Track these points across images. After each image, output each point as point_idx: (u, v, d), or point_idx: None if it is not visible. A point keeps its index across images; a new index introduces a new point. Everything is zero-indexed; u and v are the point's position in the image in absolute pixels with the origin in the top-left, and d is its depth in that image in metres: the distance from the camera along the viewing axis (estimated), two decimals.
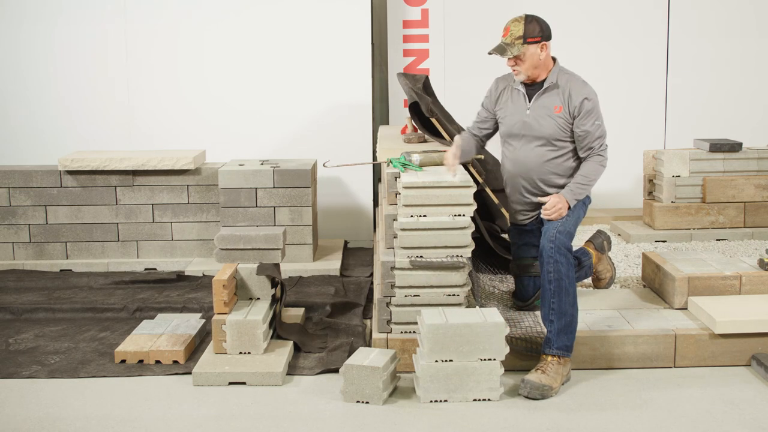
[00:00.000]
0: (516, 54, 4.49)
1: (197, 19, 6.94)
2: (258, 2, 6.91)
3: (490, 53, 4.57)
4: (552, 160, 4.65)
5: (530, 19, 4.51)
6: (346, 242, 6.91)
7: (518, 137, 4.73)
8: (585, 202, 4.66)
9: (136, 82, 7.00)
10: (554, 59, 4.66)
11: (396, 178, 4.75)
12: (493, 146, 5.81)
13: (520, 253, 4.92)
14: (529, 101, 4.66)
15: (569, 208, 4.49)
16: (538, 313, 4.76)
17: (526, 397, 4.03)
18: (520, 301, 4.87)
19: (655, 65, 7.48)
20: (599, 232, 5.33)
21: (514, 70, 4.61)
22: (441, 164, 4.83)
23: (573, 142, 4.63)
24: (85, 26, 6.93)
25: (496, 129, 4.91)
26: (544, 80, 4.62)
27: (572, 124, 4.58)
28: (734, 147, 6.58)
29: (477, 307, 4.44)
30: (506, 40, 4.52)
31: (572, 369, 4.34)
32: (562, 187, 4.63)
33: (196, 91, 7.01)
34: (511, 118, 4.74)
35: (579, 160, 4.66)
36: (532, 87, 4.66)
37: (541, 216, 4.54)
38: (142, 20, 6.93)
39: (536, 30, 4.49)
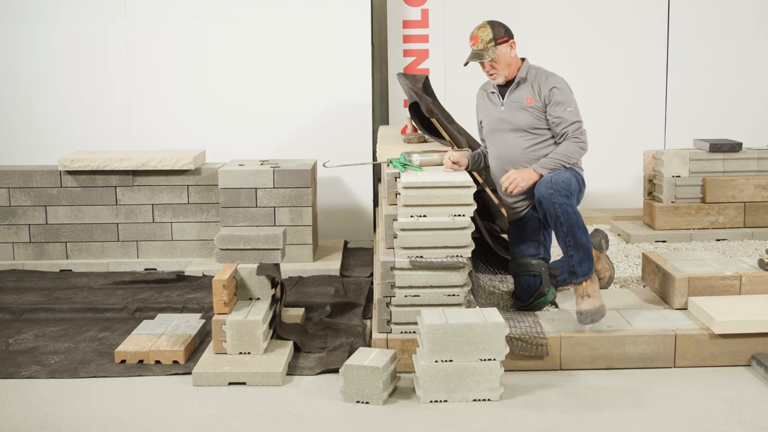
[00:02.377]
0: (492, 57, 4.69)
1: (197, 19, 6.95)
2: (258, 2, 6.91)
3: (467, 63, 4.82)
4: (532, 147, 4.80)
5: (493, 24, 4.75)
6: (346, 242, 6.92)
7: (496, 132, 4.91)
8: (578, 178, 4.74)
9: (136, 82, 7.00)
10: (522, 59, 4.86)
11: (396, 178, 4.75)
12: None
13: (519, 251, 4.93)
14: (503, 98, 4.85)
15: (539, 177, 4.65)
16: (538, 313, 4.76)
17: (591, 323, 4.43)
18: (519, 301, 4.87)
19: (655, 65, 7.48)
20: (597, 230, 5.33)
21: (491, 75, 4.83)
22: (441, 164, 4.85)
23: (550, 129, 4.79)
24: (85, 26, 6.94)
25: None
26: (515, 77, 4.82)
27: (545, 113, 4.75)
28: (734, 147, 6.58)
29: (477, 307, 4.44)
30: (478, 46, 4.75)
31: (572, 369, 4.36)
32: None
33: (196, 91, 7.01)
34: (488, 118, 4.96)
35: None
36: (505, 86, 4.86)
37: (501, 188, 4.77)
38: (142, 20, 6.93)
39: (502, 31, 4.73)
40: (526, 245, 4.91)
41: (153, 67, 6.99)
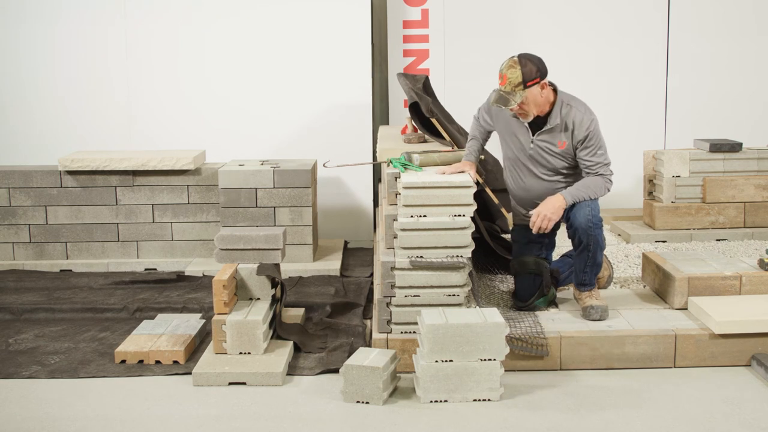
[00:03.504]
0: (519, 101, 4.47)
1: (197, 19, 6.95)
2: (258, 2, 6.91)
3: (493, 104, 4.54)
4: (561, 186, 4.75)
5: (524, 62, 4.46)
6: (346, 242, 6.92)
7: (524, 167, 4.80)
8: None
9: (136, 82, 7.00)
10: (554, 89, 4.64)
11: (396, 178, 4.75)
12: (492, 146, 5.82)
13: (523, 251, 4.94)
14: (532, 134, 4.69)
15: (565, 207, 4.61)
16: (538, 313, 4.77)
17: (599, 320, 4.59)
18: (519, 301, 4.86)
19: (655, 65, 7.48)
20: None
21: (520, 115, 4.60)
22: (441, 165, 4.84)
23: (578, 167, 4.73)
24: (85, 26, 6.94)
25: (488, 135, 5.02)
26: (548, 115, 4.62)
27: (575, 153, 4.66)
28: (734, 147, 6.58)
29: (477, 307, 4.44)
30: (506, 88, 4.47)
31: (572, 369, 4.37)
32: None
33: (196, 91, 7.01)
34: (513, 144, 4.80)
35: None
36: (534, 120, 4.66)
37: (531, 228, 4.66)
38: (142, 20, 6.93)
39: (533, 71, 4.45)
40: (529, 246, 4.91)
41: (153, 67, 6.99)
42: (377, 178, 7.25)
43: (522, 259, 4.90)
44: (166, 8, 6.92)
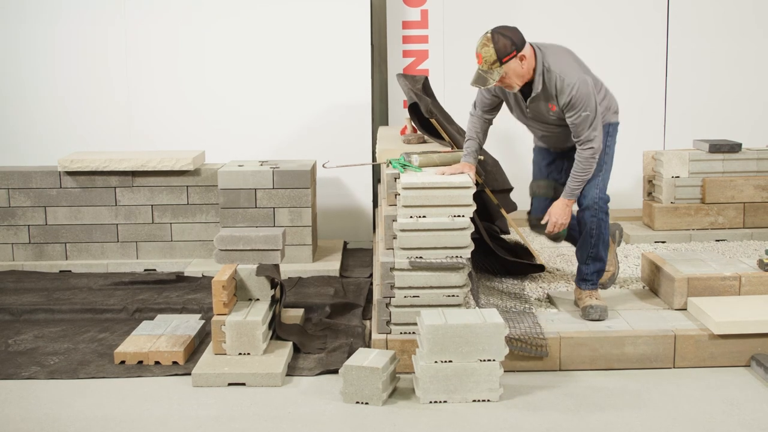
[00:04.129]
0: (498, 78, 4.41)
1: (196, 20, 6.95)
2: (257, 3, 6.91)
3: (472, 85, 4.48)
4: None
5: (497, 37, 4.36)
6: (345, 243, 6.92)
7: (532, 126, 4.90)
8: (608, 135, 4.77)
9: (135, 82, 7.00)
10: (535, 51, 4.53)
11: (395, 178, 4.75)
12: (492, 147, 5.82)
13: (542, 173, 5.05)
14: (525, 101, 4.67)
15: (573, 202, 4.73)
16: (537, 313, 4.77)
17: (598, 320, 4.62)
18: (533, 216, 5.00)
19: (654, 65, 7.48)
20: (615, 224, 5.38)
21: (505, 87, 4.55)
22: (440, 165, 4.84)
23: None
24: (84, 27, 6.94)
25: (500, 104, 4.89)
26: (533, 81, 4.56)
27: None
28: (733, 147, 6.58)
29: (476, 307, 4.44)
30: (483, 67, 4.40)
31: (571, 370, 4.38)
32: (603, 126, 4.71)
33: (196, 92, 7.01)
34: (515, 109, 4.82)
35: (600, 104, 4.62)
36: (523, 88, 4.61)
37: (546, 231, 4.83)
38: (142, 21, 6.93)
39: (508, 45, 4.35)
40: (548, 168, 5.05)
41: (152, 67, 6.99)
42: (377, 179, 7.25)
43: (539, 182, 5.01)
44: (166, 8, 6.92)
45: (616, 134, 4.88)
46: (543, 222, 4.79)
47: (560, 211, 4.71)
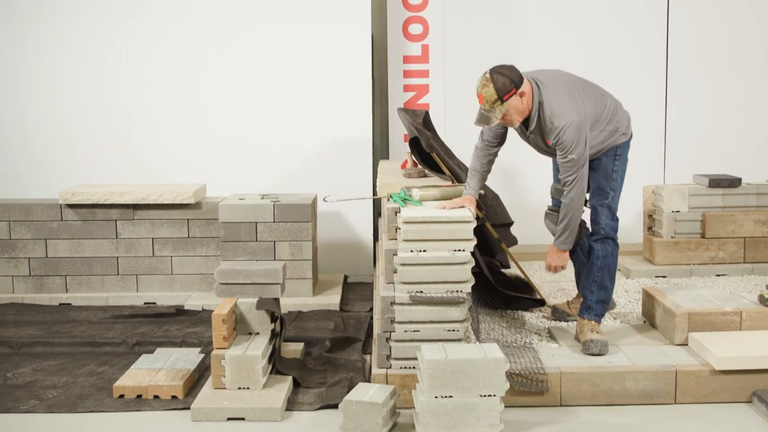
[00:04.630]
0: (500, 116, 4.50)
1: (198, 53, 6.99)
2: (259, 37, 6.96)
3: (476, 125, 4.57)
4: None
5: (496, 77, 4.45)
6: (345, 277, 6.91)
7: (537, 150, 4.91)
8: (616, 159, 4.84)
9: (136, 116, 7.03)
10: (533, 86, 4.58)
11: (396, 212, 4.76)
12: (493, 181, 5.83)
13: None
14: (526, 130, 4.72)
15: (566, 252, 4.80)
16: (537, 348, 4.75)
17: (598, 354, 4.58)
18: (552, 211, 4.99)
19: (654, 100, 7.51)
20: None
21: (506, 124, 4.66)
22: (441, 199, 4.85)
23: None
24: (86, 60, 6.98)
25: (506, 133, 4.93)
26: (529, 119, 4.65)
27: None
28: (733, 182, 6.59)
29: (477, 342, 4.42)
30: (485, 107, 4.48)
31: (572, 405, 4.35)
32: (610, 150, 4.83)
33: (197, 126, 7.04)
34: (520, 135, 4.87)
35: (606, 129, 4.75)
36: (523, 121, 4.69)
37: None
38: (143, 55, 6.98)
39: (507, 83, 4.44)
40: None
41: (154, 100, 7.02)
42: (377, 213, 7.26)
43: (557, 184, 4.98)
44: (167, 43, 6.96)
45: (627, 151, 4.92)
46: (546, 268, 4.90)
47: (555, 257, 4.80)
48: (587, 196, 4.83)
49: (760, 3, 7.48)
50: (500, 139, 4.89)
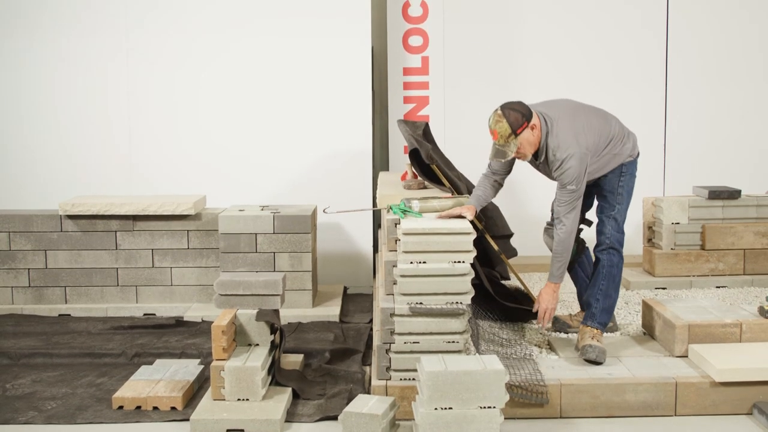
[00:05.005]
0: (515, 150, 4.65)
1: (198, 65, 7.01)
2: (259, 49, 6.97)
3: (492, 160, 4.74)
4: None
5: (507, 112, 4.60)
6: (345, 288, 6.90)
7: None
8: (621, 175, 4.94)
9: (136, 127, 7.05)
10: (540, 118, 4.71)
11: (396, 224, 4.76)
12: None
13: None
14: (536, 160, 4.84)
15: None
16: (537, 359, 4.75)
17: (594, 361, 4.61)
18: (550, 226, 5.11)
19: (653, 112, 7.53)
20: None
21: (519, 157, 4.79)
22: (441, 211, 4.85)
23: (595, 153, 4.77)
24: (86, 72, 7.00)
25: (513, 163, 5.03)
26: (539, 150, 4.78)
27: None
28: (733, 194, 6.60)
29: (476, 354, 4.42)
30: (500, 142, 4.63)
31: (572, 417, 4.34)
32: (616, 168, 4.94)
33: (197, 138, 7.05)
34: (532, 165, 4.99)
35: (609, 153, 4.86)
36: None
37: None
38: (143, 67, 6.99)
39: (519, 118, 4.59)
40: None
41: (154, 112, 7.04)
42: (377, 224, 7.26)
43: None
44: (167, 57, 6.98)
45: (634, 168, 5.03)
46: (534, 311, 4.94)
47: (549, 298, 4.86)
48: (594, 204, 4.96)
49: (760, 15, 7.50)
50: (508, 169, 5.02)
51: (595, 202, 5.08)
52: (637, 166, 5.07)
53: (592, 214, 5.11)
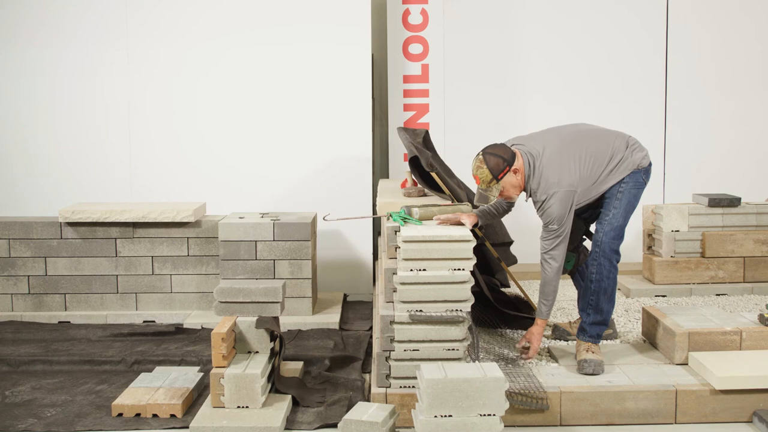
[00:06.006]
0: (497, 194, 4.69)
1: (198, 73, 7.01)
2: (259, 58, 6.98)
3: (476, 204, 4.77)
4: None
5: (488, 158, 4.63)
6: (345, 295, 6.90)
7: None
8: (625, 179, 4.88)
9: (137, 135, 7.05)
10: (524, 160, 4.72)
11: (396, 231, 4.76)
12: None
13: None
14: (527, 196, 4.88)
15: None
16: (537, 367, 4.74)
17: (591, 374, 4.58)
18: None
19: (653, 120, 7.53)
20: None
21: (505, 199, 4.87)
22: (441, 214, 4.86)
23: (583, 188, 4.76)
24: (86, 79, 7.00)
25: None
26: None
27: None
28: (733, 202, 6.60)
29: (476, 362, 4.42)
30: (482, 187, 4.68)
31: (572, 425, 4.34)
32: (614, 185, 4.87)
33: (197, 145, 7.05)
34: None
35: (610, 168, 4.84)
36: None
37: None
38: (143, 75, 7.00)
39: (500, 163, 4.62)
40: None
41: (154, 119, 7.04)
42: (377, 232, 7.26)
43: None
44: (167, 64, 6.99)
45: (639, 178, 4.94)
46: (520, 346, 4.90)
47: (535, 334, 4.83)
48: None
49: (761, 23, 7.51)
50: (508, 207, 5.12)
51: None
52: (649, 177, 5.02)
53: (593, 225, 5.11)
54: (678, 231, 6.58)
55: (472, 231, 5.17)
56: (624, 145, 4.92)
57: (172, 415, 4.46)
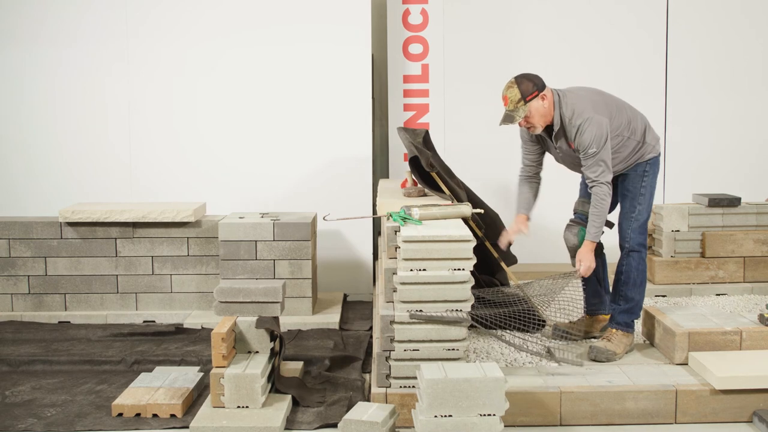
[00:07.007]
0: (523, 116, 4.76)
1: (198, 72, 7.01)
2: (259, 57, 6.98)
3: (501, 125, 4.84)
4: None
5: (521, 80, 4.81)
6: (345, 295, 6.90)
7: (570, 168, 5.14)
8: (644, 175, 4.99)
9: (137, 135, 7.05)
10: (554, 93, 4.87)
11: (396, 231, 4.76)
12: (492, 199, 5.83)
13: (586, 193, 5.14)
14: (552, 140, 4.95)
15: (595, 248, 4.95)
16: (537, 368, 4.74)
17: (593, 360, 4.82)
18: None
19: (653, 119, 7.49)
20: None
21: (529, 129, 4.89)
22: (441, 219, 4.86)
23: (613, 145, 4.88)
24: (86, 79, 7.00)
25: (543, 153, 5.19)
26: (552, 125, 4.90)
27: None
28: (733, 202, 6.60)
29: (476, 362, 4.42)
30: (509, 107, 4.79)
31: (572, 425, 4.33)
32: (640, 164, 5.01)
33: (197, 145, 7.05)
34: (552, 154, 5.13)
35: (633, 139, 4.96)
36: (546, 129, 4.95)
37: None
38: (143, 75, 7.00)
39: (530, 86, 4.78)
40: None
41: (154, 119, 7.04)
42: (377, 232, 7.26)
43: (583, 199, 5.23)
44: (168, 63, 6.99)
45: (656, 169, 5.06)
46: (576, 269, 4.96)
47: (587, 255, 4.90)
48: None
49: (761, 22, 7.51)
50: (538, 159, 5.16)
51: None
52: (659, 166, 5.13)
53: (614, 216, 5.13)
54: (678, 231, 6.58)
55: (472, 231, 5.18)
56: (642, 122, 5.11)
57: (172, 415, 4.46)
